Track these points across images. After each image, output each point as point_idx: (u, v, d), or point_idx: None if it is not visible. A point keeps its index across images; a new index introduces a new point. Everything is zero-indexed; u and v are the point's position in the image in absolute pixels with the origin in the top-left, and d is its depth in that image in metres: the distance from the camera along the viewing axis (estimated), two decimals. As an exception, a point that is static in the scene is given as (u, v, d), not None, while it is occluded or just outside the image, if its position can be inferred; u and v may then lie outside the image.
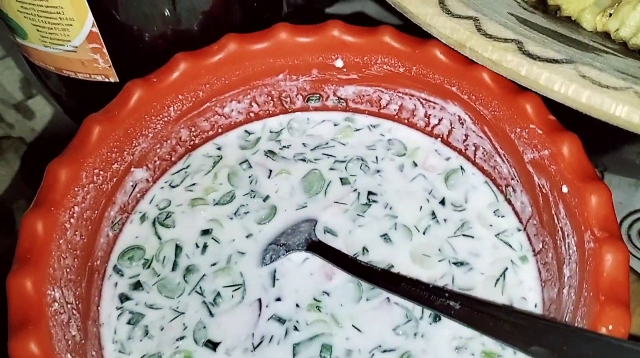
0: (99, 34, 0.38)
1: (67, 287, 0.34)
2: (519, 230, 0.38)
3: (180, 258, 0.38)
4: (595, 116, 0.29)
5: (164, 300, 0.36)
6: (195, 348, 0.34)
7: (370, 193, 0.40)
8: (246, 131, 0.44)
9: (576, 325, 0.30)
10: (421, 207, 0.39)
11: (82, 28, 0.38)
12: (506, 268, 0.36)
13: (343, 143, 0.43)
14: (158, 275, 0.37)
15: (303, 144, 0.43)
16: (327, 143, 0.43)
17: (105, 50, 0.40)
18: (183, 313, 0.35)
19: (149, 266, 0.38)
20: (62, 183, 0.34)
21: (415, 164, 0.41)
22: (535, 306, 0.35)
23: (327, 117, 0.44)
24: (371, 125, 0.44)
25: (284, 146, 0.43)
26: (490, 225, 0.38)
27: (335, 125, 0.44)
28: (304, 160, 0.42)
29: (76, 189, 0.35)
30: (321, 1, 0.62)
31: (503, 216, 0.39)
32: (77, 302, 0.34)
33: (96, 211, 0.37)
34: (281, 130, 0.44)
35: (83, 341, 0.33)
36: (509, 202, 0.39)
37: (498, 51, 0.31)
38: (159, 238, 0.39)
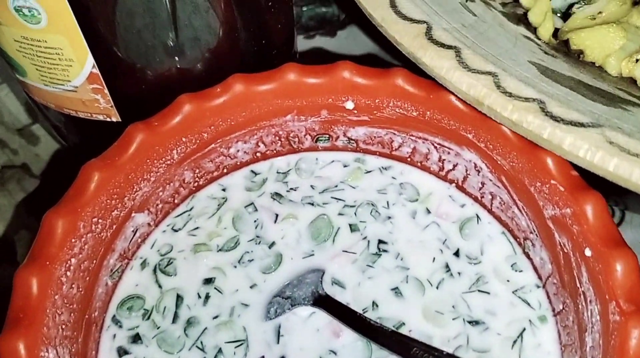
0: (100, 74, 0.37)
1: (62, 345, 0.32)
2: (538, 287, 0.36)
3: (181, 309, 0.36)
4: (624, 186, 0.27)
5: (163, 355, 0.35)
6: None
7: (380, 241, 0.38)
8: (252, 171, 0.42)
9: (599, 404, 0.28)
10: (434, 258, 0.37)
11: (82, 69, 0.37)
12: (524, 329, 0.35)
13: (353, 186, 0.41)
14: (158, 328, 0.36)
15: (311, 186, 0.41)
16: (336, 186, 0.41)
17: (106, 91, 0.38)
18: (183, 370, 0.34)
19: (148, 318, 0.36)
20: (59, 235, 0.33)
21: (429, 211, 0.39)
22: None
23: (336, 158, 0.42)
24: (382, 167, 0.42)
25: (291, 188, 0.41)
26: (508, 280, 0.36)
27: (345, 166, 0.42)
28: (312, 204, 0.40)
29: (73, 240, 0.34)
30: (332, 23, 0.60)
31: (521, 271, 0.37)
32: (73, 360, 0.33)
33: (94, 261, 0.35)
34: (289, 171, 0.42)
35: (78, 402, 0.32)
36: (528, 256, 0.37)
37: (518, 111, 0.29)
38: (160, 286, 0.37)
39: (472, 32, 0.34)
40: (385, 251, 0.38)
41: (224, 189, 0.41)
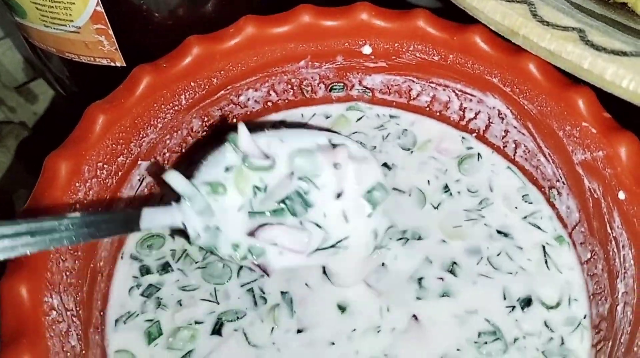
0: (104, 13, 0.35)
1: (66, 292, 0.31)
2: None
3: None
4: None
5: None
6: None
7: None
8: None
9: (635, 349, 0.27)
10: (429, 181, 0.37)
11: (86, 7, 0.35)
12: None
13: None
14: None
15: None
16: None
17: (110, 31, 0.36)
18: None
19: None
20: (62, 178, 0.31)
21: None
22: (585, 317, 0.32)
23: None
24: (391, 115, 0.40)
25: None
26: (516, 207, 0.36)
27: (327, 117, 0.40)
28: None
29: (77, 184, 0.32)
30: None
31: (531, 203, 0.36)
32: (78, 308, 0.31)
33: (99, 208, 0.33)
34: None
35: (84, 351, 0.30)
36: (553, 206, 0.36)
37: (557, 40, 0.27)
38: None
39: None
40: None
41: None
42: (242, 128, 0.28)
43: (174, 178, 0.29)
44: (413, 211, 0.36)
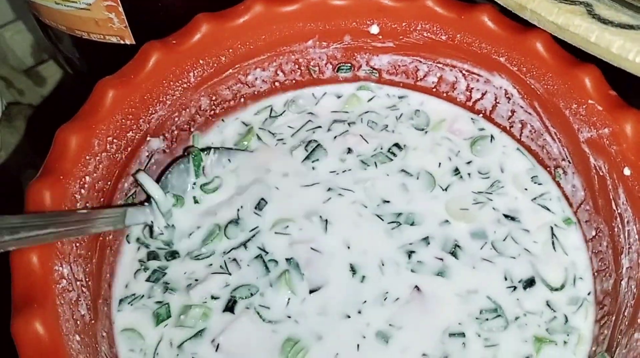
0: (115, -11, 0.35)
1: (76, 263, 0.31)
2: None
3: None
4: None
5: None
6: None
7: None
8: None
9: (638, 320, 0.27)
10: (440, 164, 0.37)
11: (97, -17, 0.35)
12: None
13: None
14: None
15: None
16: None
17: (120, 8, 0.37)
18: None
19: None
20: (73, 151, 0.31)
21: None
22: (589, 294, 0.32)
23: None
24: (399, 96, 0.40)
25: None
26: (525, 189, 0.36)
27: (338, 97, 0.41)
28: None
29: (87, 157, 0.32)
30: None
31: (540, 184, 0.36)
32: (87, 279, 0.32)
33: (109, 183, 0.34)
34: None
35: (93, 321, 0.31)
36: (558, 185, 0.36)
37: (565, 14, 0.27)
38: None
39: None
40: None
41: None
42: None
43: (146, 181, 0.35)
44: (418, 195, 0.36)
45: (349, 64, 0.40)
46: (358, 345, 0.31)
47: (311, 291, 0.32)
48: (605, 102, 0.31)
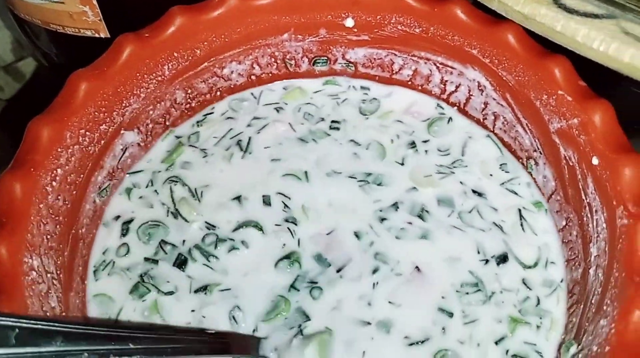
0: (88, -18, 0.35)
1: (47, 255, 0.31)
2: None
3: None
4: (639, 77, 0.26)
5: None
6: None
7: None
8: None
9: (605, 308, 0.27)
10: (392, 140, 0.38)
11: (69, -25, 0.35)
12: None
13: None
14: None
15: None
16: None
17: (94, 1, 0.36)
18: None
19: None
20: (44, 143, 0.31)
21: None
22: (562, 281, 0.32)
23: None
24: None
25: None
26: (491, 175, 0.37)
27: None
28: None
29: (59, 150, 0.32)
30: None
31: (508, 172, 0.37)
32: (59, 272, 0.31)
33: (82, 175, 0.34)
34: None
35: (64, 313, 0.31)
36: (530, 175, 0.36)
37: (531, 4, 0.27)
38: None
39: None
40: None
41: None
42: None
43: None
44: (373, 162, 0.37)
45: (325, 58, 0.40)
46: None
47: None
48: (574, 92, 0.31)
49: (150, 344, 0.26)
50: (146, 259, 0.34)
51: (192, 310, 0.32)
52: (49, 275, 0.31)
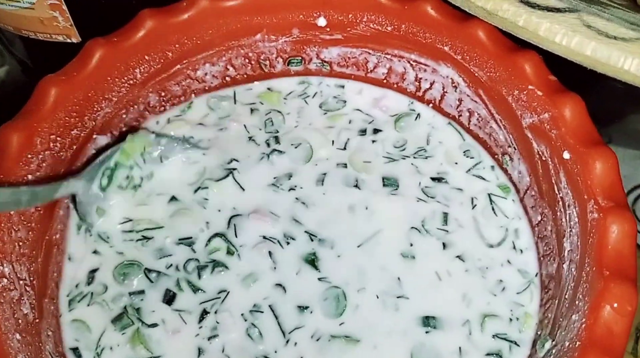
0: (57, -13, 0.35)
1: (19, 262, 0.31)
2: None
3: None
4: (602, 70, 0.26)
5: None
6: None
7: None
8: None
9: (577, 303, 0.27)
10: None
11: (37, -19, 0.35)
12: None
13: None
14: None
15: None
16: None
17: (64, 7, 0.36)
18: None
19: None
20: (14, 149, 0.31)
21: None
22: (536, 275, 0.33)
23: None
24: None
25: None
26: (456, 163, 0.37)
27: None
28: None
29: (29, 156, 0.32)
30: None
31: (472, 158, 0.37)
32: (32, 278, 0.31)
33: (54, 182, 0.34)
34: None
35: (37, 320, 0.31)
36: (506, 172, 0.36)
37: (493, 0, 0.27)
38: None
39: None
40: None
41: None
42: None
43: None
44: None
45: (300, 58, 0.40)
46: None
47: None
48: (544, 87, 0.31)
49: None
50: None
51: None
52: (21, 282, 0.30)
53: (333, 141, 0.38)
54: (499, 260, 0.33)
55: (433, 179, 0.36)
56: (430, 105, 0.39)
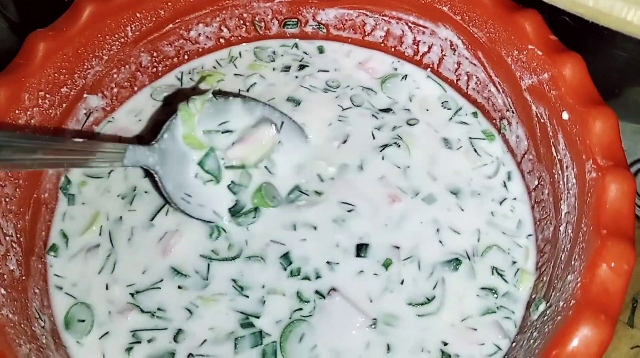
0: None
1: (5, 218, 0.30)
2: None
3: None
4: (604, 23, 0.25)
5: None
6: None
7: None
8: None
9: (573, 263, 0.27)
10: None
11: None
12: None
13: None
14: None
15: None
16: None
17: (54, -40, 0.35)
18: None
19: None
20: (1, 105, 0.31)
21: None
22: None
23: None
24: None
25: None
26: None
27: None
28: None
29: (17, 111, 0.31)
30: None
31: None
32: (19, 235, 0.31)
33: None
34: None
35: (24, 277, 0.30)
36: (503, 137, 0.35)
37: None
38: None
39: None
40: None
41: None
42: None
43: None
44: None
45: (296, 19, 0.39)
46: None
47: None
48: (545, 47, 0.31)
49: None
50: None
51: None
52: (7, 238, 0.30)
53: None
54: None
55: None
56: (429, 69, 0.38)
